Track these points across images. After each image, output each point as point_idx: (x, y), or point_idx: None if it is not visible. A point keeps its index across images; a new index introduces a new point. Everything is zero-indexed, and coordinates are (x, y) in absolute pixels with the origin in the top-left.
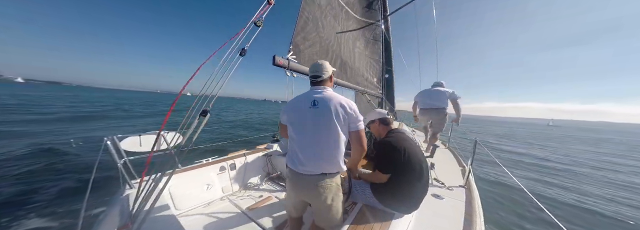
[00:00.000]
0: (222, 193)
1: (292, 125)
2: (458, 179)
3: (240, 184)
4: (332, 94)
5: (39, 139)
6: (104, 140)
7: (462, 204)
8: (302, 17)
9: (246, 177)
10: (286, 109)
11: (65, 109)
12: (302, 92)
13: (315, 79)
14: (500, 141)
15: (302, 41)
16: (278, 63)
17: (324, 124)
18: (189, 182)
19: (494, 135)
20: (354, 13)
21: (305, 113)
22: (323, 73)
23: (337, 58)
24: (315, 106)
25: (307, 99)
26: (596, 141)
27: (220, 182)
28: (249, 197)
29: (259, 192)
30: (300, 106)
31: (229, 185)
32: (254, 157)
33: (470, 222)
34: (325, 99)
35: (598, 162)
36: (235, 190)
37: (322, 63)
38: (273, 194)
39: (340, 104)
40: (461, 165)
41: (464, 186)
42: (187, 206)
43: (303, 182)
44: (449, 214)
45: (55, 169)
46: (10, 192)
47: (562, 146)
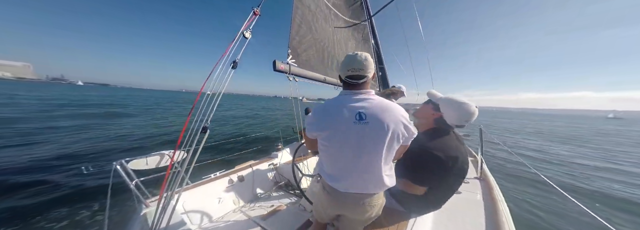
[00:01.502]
0: (234, 205)
1: (329, 141)
2: (470, 170)
3: (250, 195)
4: (384, 103)
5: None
6: (113, 165)
7: (480, 196)
8: (295, 21)
9: (255, 187)
10: (317, 120)
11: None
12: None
13: (354, 79)
14: (504, 136)
15: (299, 44)
16: (279, 68)
17: (377, 146)
18: (201, 197)
19: (501, 129)
20: (342, 15)
21: (348, 128)
22: (367, 70)
23: (333, 59)
24: (363, 121)
25: (348, 109)
26: None
27: (230, 194)
28: (260, 207)
29: (270, 201)
30: (338, 118)
31: (240, 197)
32: (260, 168)
33: (494, 213)
34: (376, 112)
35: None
36: (247, 201)
37: (363, 56)
38: (283, 202)
39: (400, 121)
40: (471, 155)
41: (479, 178)
42: (202, 221)
43: (347, 200)
44: (468, 207)
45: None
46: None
47: (602, 147)
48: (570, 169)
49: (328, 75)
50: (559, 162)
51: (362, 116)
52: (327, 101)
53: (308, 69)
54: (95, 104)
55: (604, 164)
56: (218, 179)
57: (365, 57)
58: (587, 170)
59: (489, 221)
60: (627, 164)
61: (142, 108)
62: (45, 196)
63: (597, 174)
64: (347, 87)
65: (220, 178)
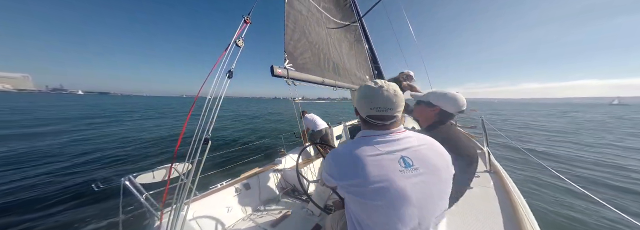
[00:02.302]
0: (243, 213)
1: (365, 197)
2: (479, 164)
3: (258, 202)
4: (425, 139)
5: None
6: (122, 181)
7: (492, 190)
8: (288, 26)
9: (262, 195)
10: (341, 172)
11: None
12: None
13: (379, 120)
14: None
15: (294, 49)
16: (277, 73)
17: (435, 193)
18: (210, 207)
19: (490, 119)
20: (333, 18)
21: (393, 177)
22: (398, 108)
23: (329, 61)
24: (412, 168)
25: (384, 153)
26: None
27: (238, 203)
28: (269, 214)
29: (277, 207)
30: (374, 169)
31: (248, 205)
32: (265, 175)
33: (510, 207)
34: (423, 154)
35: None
36: (255, 208)
37: (392, 90)
38: (290, 207)
39: (450, 160)
40: (477, 148)
41: (489, 171)
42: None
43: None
44: (482, 202)
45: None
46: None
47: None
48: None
49: (325, 77)
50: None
51: (407, 162)
52: (346, 146)
53: (305, 72)
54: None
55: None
56: (225, 188)
57: (394, 92)
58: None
59: (506, 216)
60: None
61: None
62: (62, 215)
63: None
64: (369, 127)
65: (227, 187)
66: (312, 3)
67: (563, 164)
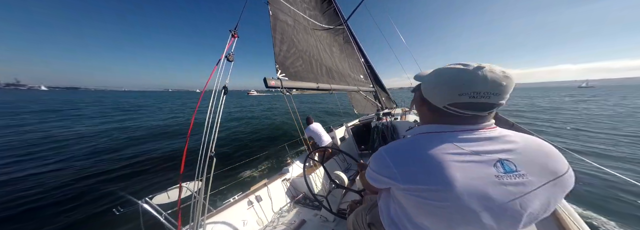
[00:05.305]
0: (259, 225)
1: (437, 206)
2: None
3: (271, 213)
4: (527, 139)
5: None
6: (139, 204)
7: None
8: (276, 37)
9: (274, 205)
10: (407, 174)
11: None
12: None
13: (475, 110)
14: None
15: (285, 59)
16: (271, 85)
17: (537, 207)
18: (226, 222)
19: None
20: (319, 23)
21: (486, 184)
22: (504, 96)
23: (321, 66)
24: (515, 173)
25: (472, 153)
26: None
27: (253, 215)
28: (283, 224)
29: (291, 216)
30: (458, 173)
31: (262, 216)
32: (274, 185)
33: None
34: (525, 156)
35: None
36: (269, 219)
37: (498, 71)
38: (304, 215)
39: (562, 164)
40: None
41: None
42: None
43: None
44: None
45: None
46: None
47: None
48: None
49: (320, 82)
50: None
51: (506, 166)
52: (409, 143)
53: (299, 80)
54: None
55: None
56: (237, 202)
57: (503, 73)
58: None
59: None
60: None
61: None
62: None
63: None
64: (450, 120)
65: (239, 201)
66: (298, 12)
67: None
